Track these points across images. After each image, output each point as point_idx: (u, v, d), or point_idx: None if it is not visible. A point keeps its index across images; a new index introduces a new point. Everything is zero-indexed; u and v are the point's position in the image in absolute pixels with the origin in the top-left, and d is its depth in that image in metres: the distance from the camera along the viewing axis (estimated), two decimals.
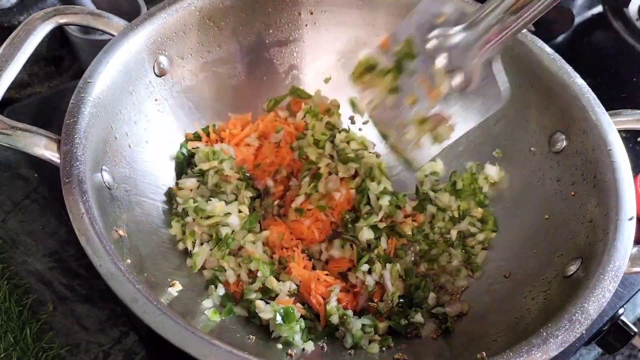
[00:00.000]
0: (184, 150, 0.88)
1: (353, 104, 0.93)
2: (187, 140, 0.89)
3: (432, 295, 0.81)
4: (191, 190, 0.84)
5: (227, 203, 0.82)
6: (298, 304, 0.77)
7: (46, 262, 0.85)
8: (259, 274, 0.78)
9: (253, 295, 0.76)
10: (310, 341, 0.73)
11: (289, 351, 0.71)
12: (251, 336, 0.70)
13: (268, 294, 0.77)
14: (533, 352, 0.58)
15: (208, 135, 0.91)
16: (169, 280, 0.72)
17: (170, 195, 0.84)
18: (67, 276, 0.84)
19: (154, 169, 0.83)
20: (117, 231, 0.67)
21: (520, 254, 0.80)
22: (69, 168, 0.63)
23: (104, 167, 0.70)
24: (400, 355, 0.73)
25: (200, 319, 0.71)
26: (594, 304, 0.61)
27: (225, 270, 0.78)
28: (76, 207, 0.61)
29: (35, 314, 0.79)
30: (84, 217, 0.60)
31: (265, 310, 0.73)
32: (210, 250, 0.79)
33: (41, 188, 0.92)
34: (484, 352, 0.62)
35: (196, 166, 0.86)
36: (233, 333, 0.72)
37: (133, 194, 0.76)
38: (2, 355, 0.74)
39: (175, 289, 0.71)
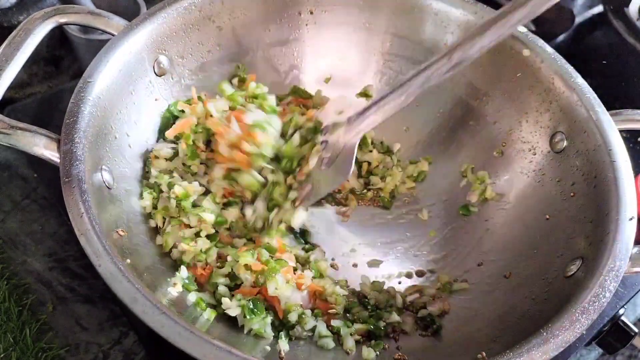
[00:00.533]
0: (173, 109, 0.85)
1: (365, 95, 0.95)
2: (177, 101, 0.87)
3: (398, 297, 0.81)
4: (166, 160, 0.82)
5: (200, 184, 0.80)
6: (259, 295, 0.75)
7: (46, 262, 0.84)
8: (228, 258, 0.76)
9: (221, 280, 0.74)
10: (286, 339, 0.72)
11: (281, 353, 0.70)
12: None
13: (234, 281, 0.75)
14: (533, 352, 0.57)
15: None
16: (170, 280, 0.72)
17: (145, 162, 0.82)
18: (67, 276, 0.83)
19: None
20: (117, 231, 0.67)
21: (520, 254, 0.80)
22: (69, 167, 0.63)
23: (103, 167, 0.70)
24: (400, 355, 0.73)
25: (199, 320, 0.71)
26: (594, 304, 0.61)
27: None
28: (76, 206, 0.61)
29: (34, 314, 0.79)
30: (84, 216, 0.60)
31: (231, 307, 0.71)
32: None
33: (41, 188, 0.92)
34: (483, 352, 0.62)
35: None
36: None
37: (133, 193, 0.76)
38: (2, 355, 0.74)
39: (176, 289, 0.71)
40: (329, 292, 0.78)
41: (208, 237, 0.77)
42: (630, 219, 0.67)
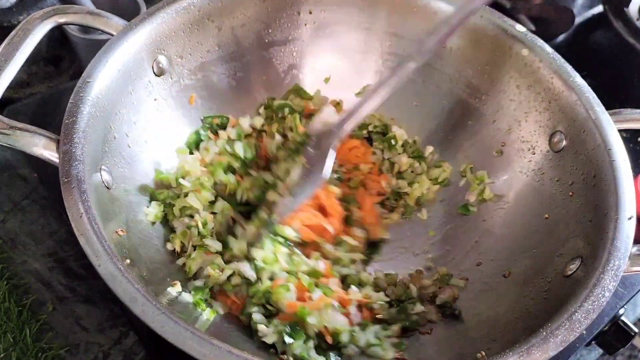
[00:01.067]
0: (202, 132, 0.89)
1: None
2: (208, 124, 0.90)
3: (412, 287, 0.81)
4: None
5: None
6: None
7: (46, 262, 0.85)
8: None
9: (255, 309, 0.73)
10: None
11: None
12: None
13: (269, 311, 0.73)
14: (533, 351, 0.57)
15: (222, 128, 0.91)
16: (169, 279, 0.72)
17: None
18: (67, 276, 0.84)
19: (153, 168, 0.83)
20: (116, 231, 0.67)
21: (519, 253, 0.80)
22: (68, 168, 0.63)
23: (103, 167, 0.70)
24: (400, 355, 0.73)
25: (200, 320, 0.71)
26: (594, 304, 0.61)
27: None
28: (75, 207, 0.61)
29: (34, 314, 0.79)
30: (83, 217, 0.60)
31: (268, 334, 0.69)
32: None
33: (41, 188, 0.92)
34: (483, 352, 0.62)
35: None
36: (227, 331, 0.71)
37: (132, 193, 0.76)
38: (2, 355, 0.74)
39: (176, 289, 0.71)
40: (374, 299, 0.77)
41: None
42: (629, 218, 0.67)
